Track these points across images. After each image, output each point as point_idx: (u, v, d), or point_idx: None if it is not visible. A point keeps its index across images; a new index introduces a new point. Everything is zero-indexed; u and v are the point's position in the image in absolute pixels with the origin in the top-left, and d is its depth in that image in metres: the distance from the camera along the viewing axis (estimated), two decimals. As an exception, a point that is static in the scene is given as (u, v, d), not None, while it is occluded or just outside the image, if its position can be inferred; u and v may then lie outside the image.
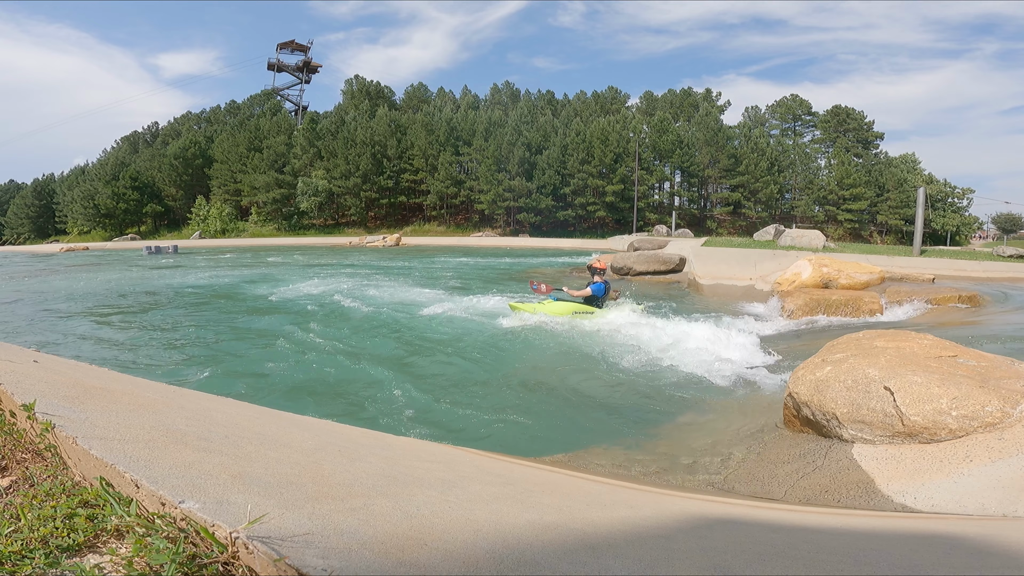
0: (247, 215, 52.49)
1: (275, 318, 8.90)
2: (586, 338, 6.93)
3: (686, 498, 2.49)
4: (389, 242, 38.20)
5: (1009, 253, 13.84)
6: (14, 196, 63.95)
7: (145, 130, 66.44)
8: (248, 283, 13.95)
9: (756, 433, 3.72)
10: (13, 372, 1.78)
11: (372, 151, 48.16)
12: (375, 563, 0.84)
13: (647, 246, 18.80)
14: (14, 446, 1.28)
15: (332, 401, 4.81)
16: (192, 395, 2.69)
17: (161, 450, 1.21)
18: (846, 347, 3.74)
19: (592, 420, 4.27)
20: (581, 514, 1.54)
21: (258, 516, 0.89)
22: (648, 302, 9.51)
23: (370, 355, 6.33)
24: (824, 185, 44.99)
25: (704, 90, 54.63)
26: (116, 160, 57.80)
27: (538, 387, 5.04)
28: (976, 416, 2.66)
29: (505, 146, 45.42)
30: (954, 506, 2.36)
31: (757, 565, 1.20)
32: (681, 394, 4.82)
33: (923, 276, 10.36)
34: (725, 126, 46.51)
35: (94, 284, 14.36)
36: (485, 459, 2.65)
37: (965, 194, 44.40)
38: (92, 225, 53.07)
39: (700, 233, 36.71)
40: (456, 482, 1.72)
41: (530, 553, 1.02)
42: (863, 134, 49.96)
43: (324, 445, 1.86)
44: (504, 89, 61.97)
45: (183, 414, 1.81)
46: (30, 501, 1.02)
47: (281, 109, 60.92)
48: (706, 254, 14.67)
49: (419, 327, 7.98)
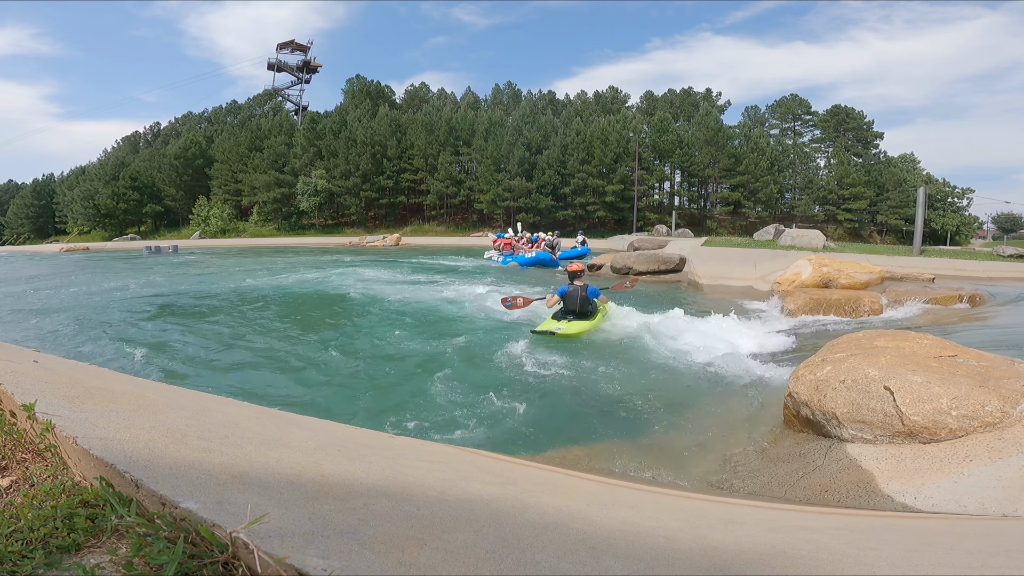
0: (247, 215, 52.49)
1: (275, 318, 8.90)
2: (586, 339, 6.93)
3: (686, 498, 2.49)
4: (389, 242, 38.20)
5: (1009, 253, 13.84)
6: (14, 196, 63.94)
7: (147, 130, 66.52)
8: (248, 283, 13.94)
9: (756, 433, 3.72)
10: (13, 372, 1.78)
11: (372, 151, 48.15)
12: (375, 563, 0.84)
13: (647, 246, 18.80)
14: (14, 446, 1.28)
15: (332, 401, 4.81)
16: (192, 395, 2.69)
17: (161, 450, 1.21)
18: (846, 347, 3.74)
19: (592, 420, 4.27)
20: (581, 514, 1.54)
21: (258, 516, 0.89)
22: (647, 302, 9.52)
23: (370, 355, 6.33)
24: (824, 185, 44.98)
25: (704, 90, 54.72)
26: (116, 160, 57.80)
27: (538, 387, 5.04)
28: (976, 416, 2.66)
29: (505, 146, 45.41)
30: (954, 506, 2.36)
31: (757, 565, 1.20)
32: (681, 394, 4.82)
33: (923, 276, 10.36)
34: (725, 126, 46.49)
35: (94, 284, 14.36)
36: (485, 459, 2.65)
37: (965, 194, 44.44)
38: (92, 225, 53.06)
39: (700, 233, 36.67)
40: (456, 482, 1.72)
41: (530, 553, 1.02)
42: (863, 134, 49.97)
43: (324, 445, 1.86)
44: (506, 89, 62.03)
45: (183, 414, 1.81)
46: (30, 501, 1.02)
47: (282, 109, 60.92)
48: (706, 254, 14.68)
49: (419, 326, 7.98)
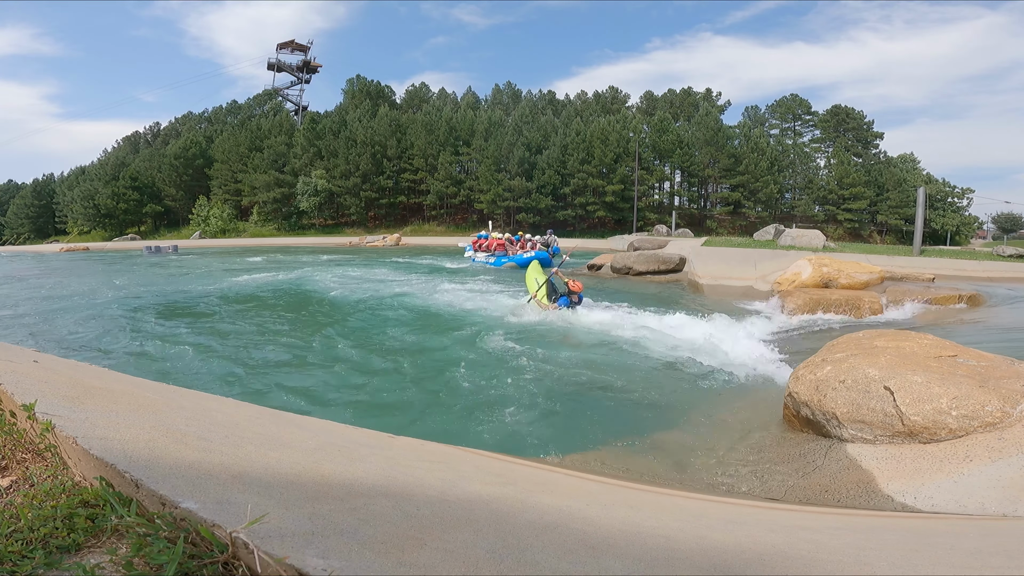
0: (247, 215, 52.50)
1: (275, 318, 8.91)
2: (585, 339, 6.93)
3: (686, 498, 2.49)
4: (389, 242, 38.22)
5: (1009, 253, 13.85)
6: (14, 196, 63.93)
7: (146, 130, 66.52)
8: (247, 282, 13.95)
9: (756, 433, 3.72)
10: (13, 372, 1.78)
11: (372, 151, 48.16)
12: (375, 563, 0.84)
13: (647, 246, 18.79)
14: (14, 446, 1.28)
15: (332, 401, 4.81)
16: (192, 395, 2.69)
17: (161, 450, 1.21)
18: (846, 347, 3.74)
19: (592, 420, 4.27)
20: (581, 514, 1.54)
21: (258, 516, 0.89)
22: (648, 302, 9.52)
23: (370, 354, 6.33)
24: (824, 185, 44.98)
25: (704, 90, 54.71)
26: (116, 160, 57.79)
27: (538, 387, 5.04)
28: (976, 416, 2.66)
29: (505, 146, 45.41)
30: (954, 506, 2.36)
31: (757, 565, 1.20)
32: (681, 394, 4.82)
33: (923, 276, 10.36)
34: (725, 126, 46.48)
35: (93, 284, 14.36)
36: (485, 459, 2.65)
37: (965, 194, 44.43)
38: (92, 225, 53.06)
39: (700, 233, 36.67)
40: (456, 482, 1.72)
41: (530, 553, 1.02)
42: (863, 133, 49.97)
43: (324, 445, 1.86)
44: (506, 89, 62.04)
45: (183, 414, 1.81)
46: (30, 501, 1.02)
47: (282, 109, 60.91)
48: (706, 254, 14.67)
49: (419, 326, 7.98)
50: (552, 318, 7.91)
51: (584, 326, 7.50)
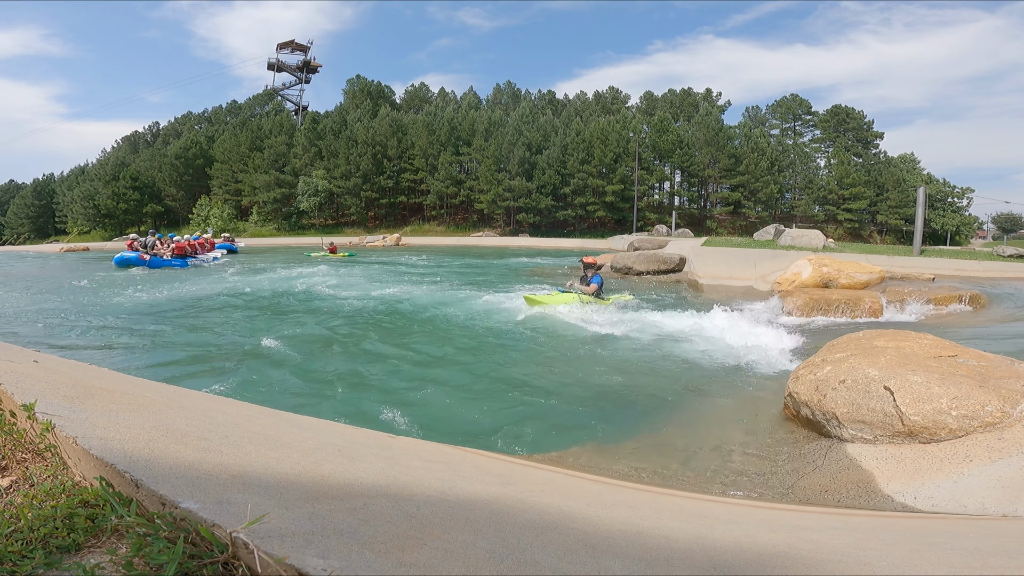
0: (247, 215, 52.49)
1: (275, 317, 8.90)
2: (586, 339, 6.93)
3: (686, 498, 2.49)
4: (389, 242, 38.20)
5: (1009, 253, 13.85)
6: (14, 196, 63.91)
7: (146, 130, 66.48)
8: (247, 282, 13.95)
9: (756, 433, 3.72)
10: (13, 372, 1.78)
11: (372, 151, 48.16)
12: (375, 563, 0.84)
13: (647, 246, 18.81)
14: (14, 446, 1.28)
15: (332, 401, 4.81)
16: (192, 395, 2.69)
17: (161, 450, 1.21)
18: (846, 347, 3.74)
19: (592, 420, 4.27)
20: (581, 514, 1.54)
21: (258, 516, 0.89)
22: (648, 301, 9.53)
23: (370, 354, 6.32)
24: (824, 185, 44.97)
25: (704, 90, 54.70)
26: (116, 160, 57.77)
27: (538, 387, 5.04)
28: (976, 416, 2.66)
29: (505, 146, 45.42)
30: (954, 506, 2.36)
31: (757, 565, 1.20)
32: (680, 394, 4.82)
33: (923, 276, 10.37)
34: (725, 126, 46.48)
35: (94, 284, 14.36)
36: (485, 459, 2.65)
37: (965, 194, 44.42)
38: (92, 225, 53.03)
39: (700, 233, 36.69)
40: (456, 482, 1.72)
41: (530, 553, 1.02)
42: (863, 134, 49.96)
43: (324, 445, 1.86)
44: (506, 89, 62.04)
45: (183, 414, 1.81)
46: (30, 501, 1.02)
47: (283, 109, 60.91)
48: (706, 254, 14.68)
49: (420, 326, 7.98)
50: (557, 314, 8.03)
51: (583, 326, 7.51)
